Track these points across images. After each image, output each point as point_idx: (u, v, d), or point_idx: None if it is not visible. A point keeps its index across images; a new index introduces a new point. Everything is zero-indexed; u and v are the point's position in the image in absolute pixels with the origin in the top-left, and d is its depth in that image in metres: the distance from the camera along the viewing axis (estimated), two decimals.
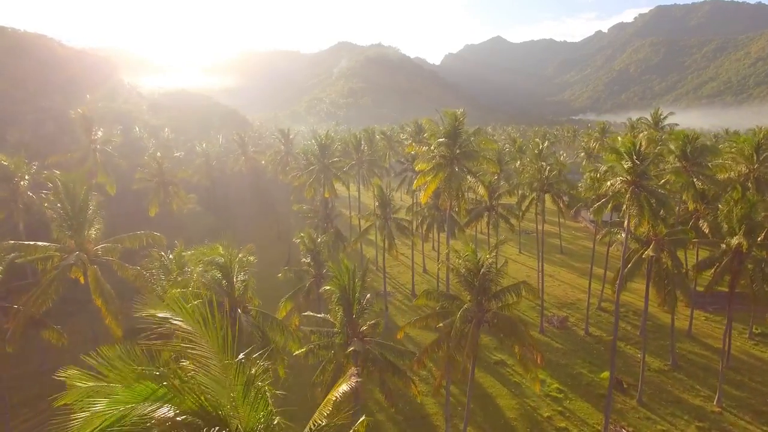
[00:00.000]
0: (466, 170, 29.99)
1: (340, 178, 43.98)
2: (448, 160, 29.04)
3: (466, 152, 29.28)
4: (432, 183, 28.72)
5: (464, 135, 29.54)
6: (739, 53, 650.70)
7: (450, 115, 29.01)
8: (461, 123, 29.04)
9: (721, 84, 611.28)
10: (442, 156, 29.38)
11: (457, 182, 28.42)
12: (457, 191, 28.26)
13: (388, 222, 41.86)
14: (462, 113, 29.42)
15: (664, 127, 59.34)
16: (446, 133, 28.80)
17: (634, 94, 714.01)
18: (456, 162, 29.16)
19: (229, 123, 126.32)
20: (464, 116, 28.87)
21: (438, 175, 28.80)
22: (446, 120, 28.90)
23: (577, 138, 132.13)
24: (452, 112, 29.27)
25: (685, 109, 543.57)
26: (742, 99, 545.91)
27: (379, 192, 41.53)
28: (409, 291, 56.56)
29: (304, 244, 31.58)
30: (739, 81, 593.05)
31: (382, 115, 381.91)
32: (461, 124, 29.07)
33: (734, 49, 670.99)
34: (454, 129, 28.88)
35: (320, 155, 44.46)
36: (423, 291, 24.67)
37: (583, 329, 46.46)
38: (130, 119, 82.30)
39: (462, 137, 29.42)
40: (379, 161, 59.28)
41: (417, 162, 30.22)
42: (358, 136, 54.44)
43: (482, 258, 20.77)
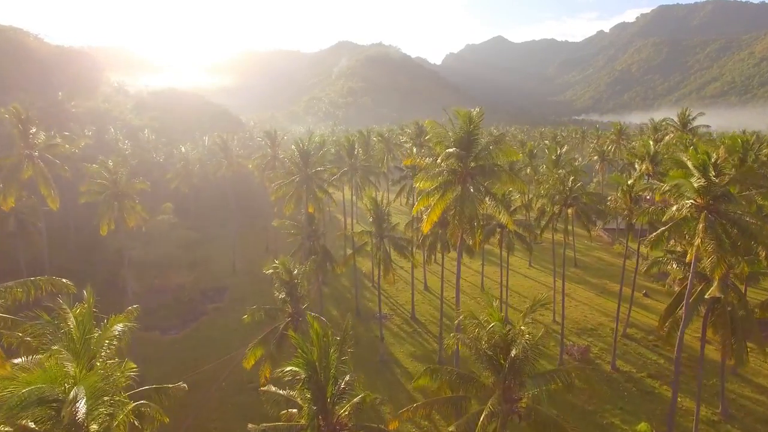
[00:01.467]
0: (484, 190, 23.00)
1: (325, 191, 37.63)
2: (460, 177, 22.53)
3: (484, 167, 22.34)
4: (437, 206, 21.96)
5: (481, 143, 22.82)
6: (743, 53, 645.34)
7: (463, 116, 22.01)
8: (477, 127, 22.21)
9: (724, 84, 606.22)
10: (452, 171, 22.73)
11: (471, 207, 21.35)
12: (471, 219, 21.92)
13: (383, 240, 35.78)
14: (478, 113, 22.33)
15: (694, 129, 53.07)
16: (458, 140, 21.98)
17: (637, 95, 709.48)
18: (470, 179, 22.54)
19: (220, 123, 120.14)
20: (481, 117, 22.23)
21: (445, 195, 22.06)
22: (457, 123, 22.30)
23: (586, 139, 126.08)
24: (465, 113, 22.18)
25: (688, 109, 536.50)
26: (747, 99, 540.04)
27: (373, 206, 35.41)
28: (409, 313, 50.40)
29: (277, 275, 25.45)
30: (743, 81, 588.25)
31: (382, 115, 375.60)
32: (477, 128, 22.26)
33: (738, 48, 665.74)
34: (467, 135, 21.98)
35: (302, 164, 38.42)
36: (426, 369, 18.30)
37: (608, 363, 40.28)
38: (109, 119, 76.22)
39: (479, 146, 22.62)
40: (375, 167, 52.87)
41: (418, 178, 23.51)
42: (351, 140, 47.99)
43: (513, 331, 14.57)
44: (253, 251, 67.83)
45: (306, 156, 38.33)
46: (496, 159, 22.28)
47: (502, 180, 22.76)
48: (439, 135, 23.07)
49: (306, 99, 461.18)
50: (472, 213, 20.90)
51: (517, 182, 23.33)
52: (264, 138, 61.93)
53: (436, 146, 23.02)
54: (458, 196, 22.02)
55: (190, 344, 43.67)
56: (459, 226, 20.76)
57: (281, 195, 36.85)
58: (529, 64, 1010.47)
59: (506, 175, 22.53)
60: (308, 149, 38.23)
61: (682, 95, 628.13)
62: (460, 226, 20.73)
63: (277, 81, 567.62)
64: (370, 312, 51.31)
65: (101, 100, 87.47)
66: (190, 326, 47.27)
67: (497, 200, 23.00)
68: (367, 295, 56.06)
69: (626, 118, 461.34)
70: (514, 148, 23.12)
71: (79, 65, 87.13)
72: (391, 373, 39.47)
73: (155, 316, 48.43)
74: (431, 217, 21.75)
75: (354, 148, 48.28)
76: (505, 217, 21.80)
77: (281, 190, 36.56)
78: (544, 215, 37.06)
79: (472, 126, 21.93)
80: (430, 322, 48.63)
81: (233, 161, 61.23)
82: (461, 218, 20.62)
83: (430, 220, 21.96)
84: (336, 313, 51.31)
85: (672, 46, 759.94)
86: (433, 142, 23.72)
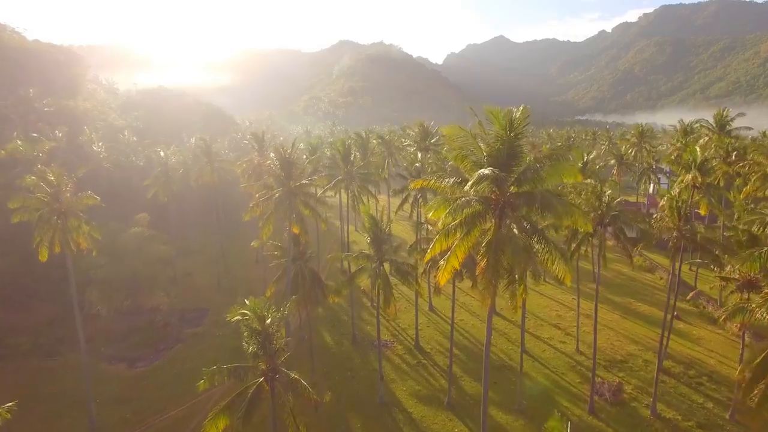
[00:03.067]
0: (530, 228, 15.73)
1: (312, 208, 31.47)
2: (495, 209, 15.90)
3: (532, 194, 15.27)
4: (459, 249, 15.24)
5: (527, 159, 16.07)
6: (748, 53, 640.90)
7: (500, 119, 15.20)
8: (520, 135, 15.63)
9: (729, 84, 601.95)
10: (483, 200, 15.81)
11: (513, 253, 14.43)
12: (512, 271, 14.73)
13: (383, 266, 29.96)
14: (522, 114, 15.67)
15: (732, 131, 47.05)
16: (493, 154, 15.35)
17: (640, 95, 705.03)
18: (510, 212, 15.72)
19: (212, 123, 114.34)
20: (526, 121, 15.66)
21: (471, 234, 15.15)
22: (494, 127, 15.60)
23: (597, 141, 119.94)
24: (503, 114, 15.39)
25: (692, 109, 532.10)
26: (752, 99, 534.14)
27: (371, 224, 29.58)
28: (412, 340, 44.55)
29: (246, 324, 19.64)
30: (748, 81, 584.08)
31: (383, 115, 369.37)
32: (519, 137, 15.67)
33: (742, 48, 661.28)
34: (507, 147, 15.23)
35: (284, 176, 31.55)
36: None
37: (646, 405, 34.42)
38: (87, 119, 70.30)
39: (523, 163, 15.78)
40: (375, 174, 46.80)
41: (431, 207, 16.67)
42: (347, 144, 41.91)
43: None
44: (240, 265, 62.09)
45: (288, 166, 31.22)
46: (546, 181, 15.72)
47: (557, 212, 15.25)
48: (465, 146, 16.45)
49: (305, 98, 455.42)
50: (523, 263, 14.43)
51: (578, 215, 15.86)
52: (251, 140, 56.12)
53: (459, 161, 16.50)
54: (496, 239, 15.27)
55: (160, 380, 37.87)
56: (492, 280, 14.20)
57: (258, 214, 30.75)
58: (530, 64, 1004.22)
59: (562, 205, 15.35)
60: (291, 158, 31.61)
61: (686, 95, 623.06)
62: (493, 277, 14.16)
63: (276, 80, 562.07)
64: (368, 338, 45.53)
65: (82, 98, 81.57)
66: (163, 356, 41.47)
67: (549, 243, 15.68)
68: (365, 317, 50.27)
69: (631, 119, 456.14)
70: (575, 166, 15.69)
71: (60, 62, 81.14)
72: (392, 419, 33.64)
73: (124, 344, 42.76)
74: (451, 264, 15.15)
75: (350, 153, 42.17)
76: (561, 269, 15.02)
77: (257, 209, 30.44)
78: (576, 236, 31.08)
79: (513, 133, 15.45)
80: (437, 352, 42.82)
81: (217, 166, 55.35)
82: (495, 269, 14.10)
83: (449, 267, 15.29)
84: (330, 339, 45.53)
85: (675, 45, 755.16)
86: (453, 156, 17.17)
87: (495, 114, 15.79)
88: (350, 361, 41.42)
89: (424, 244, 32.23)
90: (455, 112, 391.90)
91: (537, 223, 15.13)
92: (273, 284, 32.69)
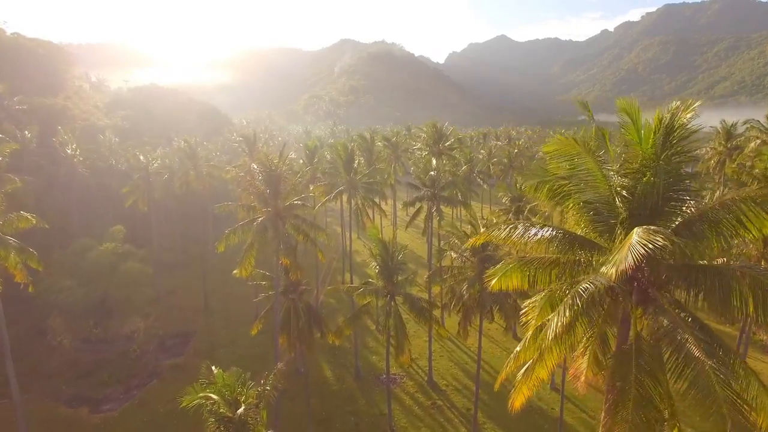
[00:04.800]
0: (693, 328, 8.21)
1: (306, 233, 25.29)
2: (640, 295, 9.29)
3: (699, 270, 8.63)
4: (553, 354, 8.94)
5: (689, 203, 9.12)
6: (753, 52, 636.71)
7: (646, 126, 8.79)
8: (681, 154, 8.99)
9: (734, 84, 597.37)
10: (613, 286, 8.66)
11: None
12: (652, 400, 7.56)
13: (394, 300, 24.10)
14: (685, 114, 9.41)
15: None
16: (639, 191, 8.79)
17: (643, 94, 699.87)
18: (659, 299, 8.85)
19: (206, 123, 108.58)
20: (689, 130, 9.05)
21: (583, 332, 8.75)
22: (630, 138, 9.26)
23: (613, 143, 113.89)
24: (657, 119, 8.89)
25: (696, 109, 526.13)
26: (758, 99, 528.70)
27: (381, 251, 23.74)
28: (425, 374, 38.64)
29: (211, 413, 13.76)
30: (754, 81, 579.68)
31: (385, 114, 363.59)
32: (680, 160, 9.02)
33: (747, 47, 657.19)
34: (663, 175, 8.58)
35: (269, 193, 24.36)
36: None
37: None
38: (65, 119, 64.42)
39: (684, 208, 9.12)
40: (380, 184, 40.66)
41: (497, 272, 10.23)
42: (350, 148, 35.85)
43: None
44: (230, 282, 55.78)
45: (275, 182, 24.14)
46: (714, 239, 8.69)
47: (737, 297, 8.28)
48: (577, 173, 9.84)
49: (306, 97, 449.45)
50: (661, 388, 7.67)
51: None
52: (241, 143, 50.13)
53: (551, 196, 10.47)
54: (631, 348, 8.63)
55: (128, 429, 31.98)
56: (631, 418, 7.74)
57: (236, 242, 24.61)
58: (532, 64, 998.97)
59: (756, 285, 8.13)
60: (279, 170, 24.76)
61: (691, 95, 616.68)
62: (634, 415, 7.65)
63: (276, 79, 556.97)
64: (373, 371, 39.71)
65: (65, 96, 75.77)
66: (135, 396, 35.55)
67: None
68: (369, 344, 44.39)
69: None
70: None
71: (39, 56, 75.40)
72: None
73: (89, 380, 36.78)
74: (537, 375, 9.15)
75: (353, 159, 36.17)
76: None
77: (234, 236, 24.38)
78: None
79: (674, 151, 8.87)
80: (454, 389, 36.95)
81: (206, 171, 49.47)
82: (639, 404, 7.56)
83: (532, 380, 9.30)
84: (330, 373, 39.63)
85: (679, 44, 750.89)
86: (542, 195, 10.74)
87: (632, 112, 8.96)
88: (353, 402, 35.55)
89: (445, 273, 26.29)
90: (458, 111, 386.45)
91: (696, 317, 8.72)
92: (260, 320, 26.89)
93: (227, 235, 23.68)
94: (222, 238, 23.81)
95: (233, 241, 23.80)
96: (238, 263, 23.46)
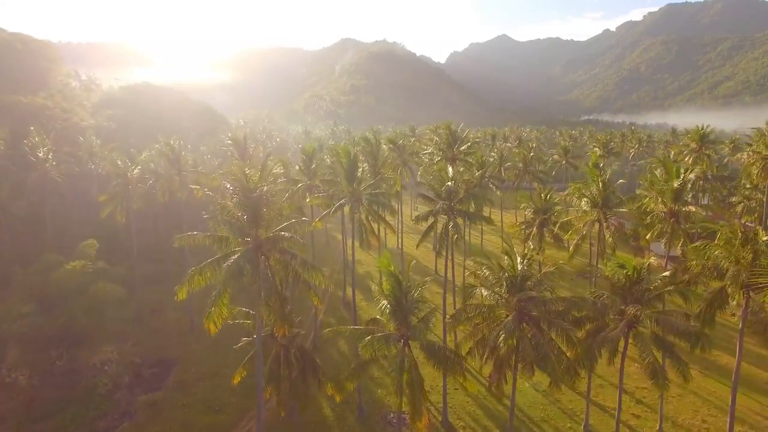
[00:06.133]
0: None
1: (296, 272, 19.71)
2: None
3: None
4: None
5: None
6: (757, 51, 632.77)
7: None
8: None
9: (738, 83, 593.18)
10: None
11: None
12: None
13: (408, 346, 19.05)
14: None
15: None
16: None
17: (646, 94, 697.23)
18: None
19: (201, 124, 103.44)
20: None
21: None
22: None
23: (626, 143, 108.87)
24: None
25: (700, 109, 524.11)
26: (762, 99, 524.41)
27: (393, 285, 18.72)
28: (438, 412, 33.55)
29: None
30: (758, 80, 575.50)
31: (387, 113, 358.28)
32: None
33: (751, 47, 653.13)
34: None
35: (247, 220, 18.91)
36: None
37: None
38: (42, 118, 59.43)
39: None
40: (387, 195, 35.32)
41: None
42: (352, 154, 30.56)
43: None
44: None
45: (255, 206, 18.41)
46: None
47: None
48: None
49: (306, 96, 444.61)
50: None
51: None
52: (230, 146, 45.03)
53: None
54: None
55: None
56: None
57: (202, 285, 19.00)
58: (533, 63, 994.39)
59: None
60: (262, 192, 18.61)
61: (694, 94, 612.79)
62: None
63: (277, 78, 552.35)
64: (379, 408, 34.67)
65: (47, 94, 70.74)
66: None
67: None
68: (374, 374, 39.18)
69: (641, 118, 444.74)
70: None
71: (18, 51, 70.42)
72: None
73: (48, 424, 31.61)
74: None
75: (356, 167, 30.83)
76: None
77: (201, 278, 18.96)
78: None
79: None
80: None
81: (193, 178, 44.37)
82: None
83: None
84: (329, 411, 34.46)
85: (682, 44, 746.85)
86: None
87: None
88: None
89: (471, 312, 21.15)
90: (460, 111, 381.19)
91: None
92: (243, 367, 21.88)
93: (191, 276, 18.40)
94: (185, 280, 18.50)
95: (199, 285, 18.63)
96: (206, 314, 18.24)
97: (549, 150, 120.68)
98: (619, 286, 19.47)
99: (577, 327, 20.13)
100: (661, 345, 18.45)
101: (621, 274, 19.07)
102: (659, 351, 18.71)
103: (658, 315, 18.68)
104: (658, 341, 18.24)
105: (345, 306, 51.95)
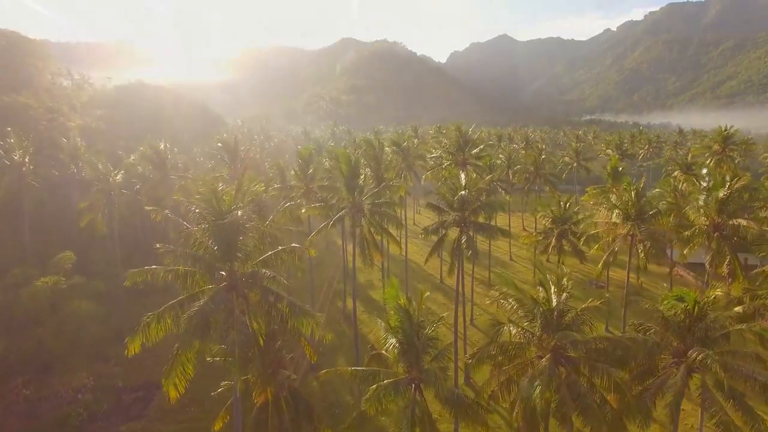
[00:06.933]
0: None
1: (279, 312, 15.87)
2: None
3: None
4: None
5: None
6: (759, 51, 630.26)
7: None
8: None
9: (741, 83, 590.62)
10: None
11: None
12: None
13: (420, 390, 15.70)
14: None
15: None
16: None
17: (648, 94, 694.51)
18: None
19: (195, 124, 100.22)
20: None
21: None
22: None
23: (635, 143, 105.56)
24: None
25: (702, 109, 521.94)
26: (765, 99, 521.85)
27: (403, 320, 15.43)
28: None
29: None
30: (761, 80, 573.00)
31: (387, 113, 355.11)
32: None
33: (754, 46, 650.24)
34: None
35: (219, 253, 15.24)
36: None
37: None
38: (22, 118, 56.01)
39: None
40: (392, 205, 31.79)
41: None
42: (353, 159, 27.04)
43: None
44: None
45: (229, 235, 14.76)
46: None
47: None
48: None
49: (306, 96, 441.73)
50: None
51: None
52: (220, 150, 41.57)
53: None
54: None
55: None
56: None
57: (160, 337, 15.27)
58: (534, 63, 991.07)
59: None
60: (234, 216, 14.82)
61: (696, 94, 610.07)
62: None
63: (276, 78, 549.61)
64: None
65: (30, 94, 67.33)
66: None
67: None
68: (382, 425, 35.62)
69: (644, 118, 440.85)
70: None
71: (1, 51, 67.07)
72: None
73: None
74: None
75: (358, 174, 27.35)
76: None
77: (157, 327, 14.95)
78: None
79: None
80: None
81: (181, 184, 40.94)
82: None
83: None
84: None
85: (683, 44, 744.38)
86: None
87: None
88: None
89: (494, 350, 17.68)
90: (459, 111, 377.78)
91: None
92: (227, 411, 18.50)
93: (146, 324, 14.77)
94: (137, 330, 14.87)
95: (157, 337, 15.05)
96: (165, 372, 14.67)
97: (555, 151, 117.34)
98: (675, 322, 16.23)
99: (620, 367, 16.82)
100: (731, 395, 15.25)
101: (679, 308, 15.87)
102: (727, 401, 15.48)
103: (726, 358, 15.46)
104: (730, 392, 15.03)
105: (345, 319, 48.49)
